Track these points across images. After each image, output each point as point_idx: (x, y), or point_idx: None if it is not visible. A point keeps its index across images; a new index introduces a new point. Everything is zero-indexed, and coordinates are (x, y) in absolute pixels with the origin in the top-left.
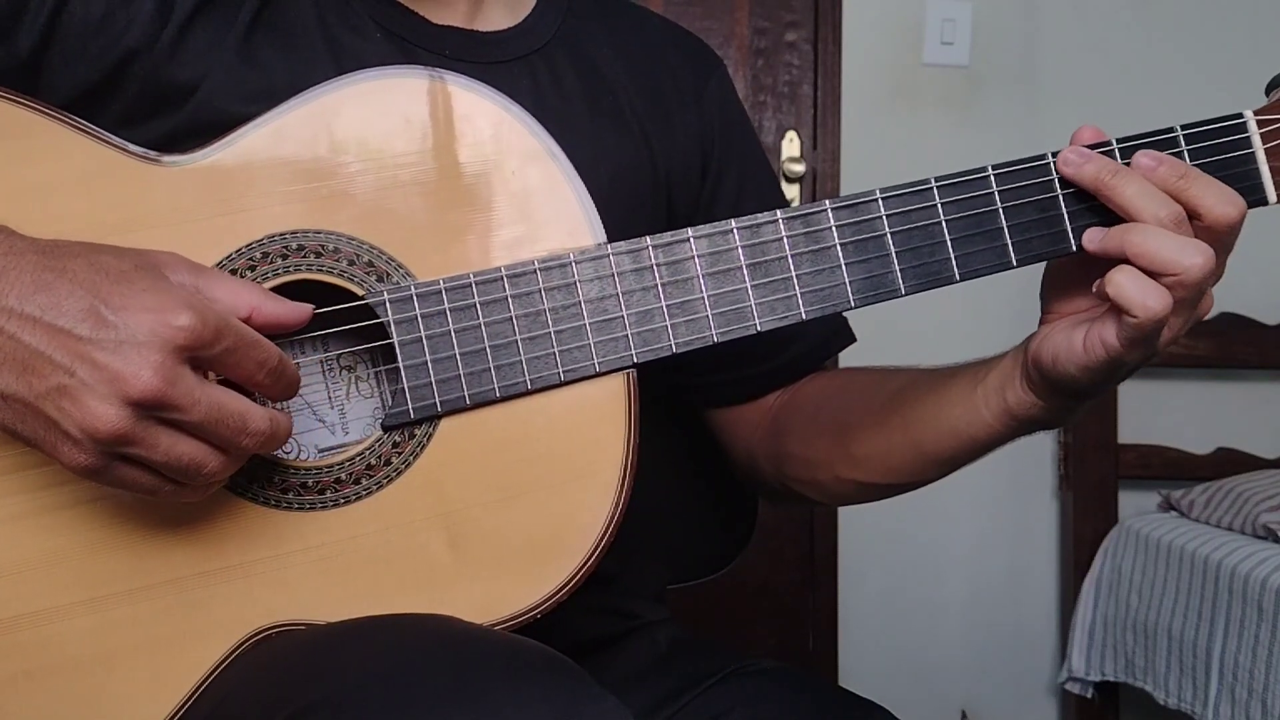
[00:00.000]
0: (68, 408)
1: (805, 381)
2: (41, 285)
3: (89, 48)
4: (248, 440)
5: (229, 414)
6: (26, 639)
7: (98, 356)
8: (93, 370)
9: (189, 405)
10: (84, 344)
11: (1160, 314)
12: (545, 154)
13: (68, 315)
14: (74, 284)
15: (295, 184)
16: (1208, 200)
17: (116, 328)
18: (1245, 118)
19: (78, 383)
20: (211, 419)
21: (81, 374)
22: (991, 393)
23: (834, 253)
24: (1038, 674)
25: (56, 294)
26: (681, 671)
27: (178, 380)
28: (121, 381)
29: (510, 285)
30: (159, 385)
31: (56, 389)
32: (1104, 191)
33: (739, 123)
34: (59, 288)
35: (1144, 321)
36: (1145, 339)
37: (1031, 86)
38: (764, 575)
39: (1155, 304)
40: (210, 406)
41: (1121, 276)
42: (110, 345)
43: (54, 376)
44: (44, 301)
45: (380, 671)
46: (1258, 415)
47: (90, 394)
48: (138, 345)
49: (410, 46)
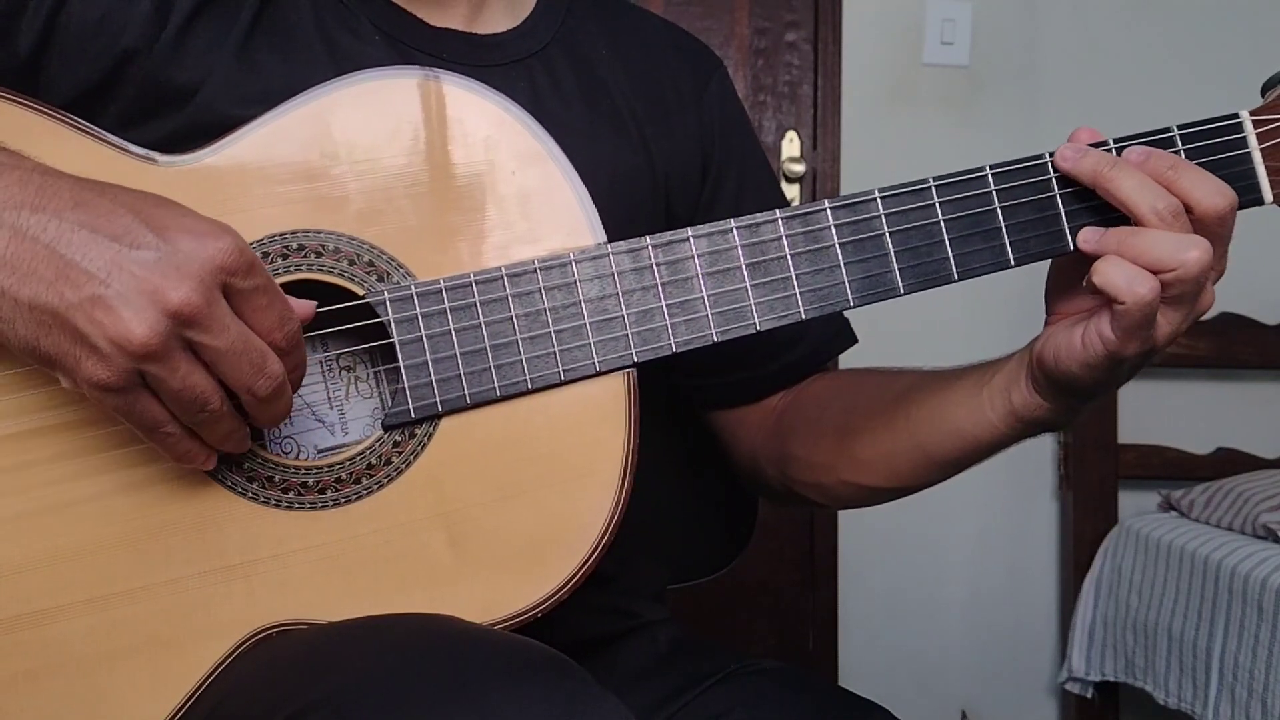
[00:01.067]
0: (100, 317)
1: (808, 383)
2: (81, 202)
3: (88, 48)
4: (262, 382)
5: (253, 348)
6: (27, 639)
7: (136, 269)
8: (131, 280)
9: (220, 329)
10: (123, 255)
11: (1148, 299)
12: (545, 154)
13: (107, 228)
14: (115, 203)
15: (294, 184)
16: (1197, 192)
17: (156, 245)
18: (1241, 118)
19: (114, 293)
20: (237, 349)
21: (118, 284)
22: (997, 394)
23: (833, 252)
24: (1038, 674)
25: (96, 210)
26: (681, 671)
27: (214, 302)
28: (160, 294)
29: (510, 285)
30: (197, 301)
31: (90, 299)
32: (1102, 184)
33: (739, 124)
34: (99, 205)
35: (1132, 308)
36: (1138, 327)
37: (1031, 86)
38: (764, 575)
39: (1142, 289)
40: (239, 336)
41: (1106, 265)
42: (150, 260)
43: (88, 286)
44: (83, 216)
45: (381, 671)
46: (1258, 415)
47: (126, 304)
48: (177, 262)
49: (408, 49)
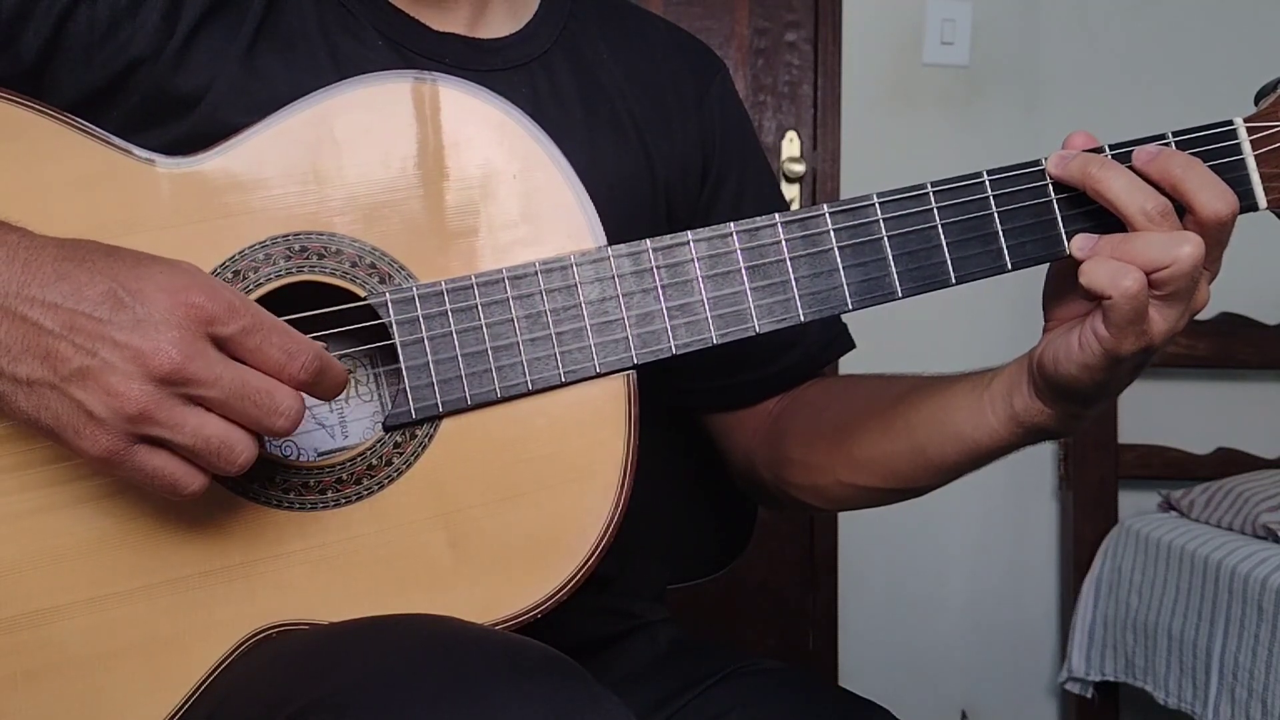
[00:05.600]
0: (93, 387)
1: (805, 386)
2: (62, 275)
3: (94, 56)
4: (280, 421)
5: (254, 390)
6: (27, 639)
7: (117, 336)
8: (114, 349)
9: (211, 380)
10: (104, 325)
11: (1133, 290)
12: (546, 158)
13: (87, 300)
14: (93, 272)
15: (297, 186)
16: (1202, 195)
17: (134, 309)
18: (1235, 124)
19: (100, 362)
20: (236, 394)
21: (104, 354)
22: (998, 399)
23: (832, 256)
24: (1038, 674)
25: (76, 281)
26: (681, 671)
27: (197, 355)
28: (143, 358)
29: (511, 287)
30: (179, 359)
31: (80, 371)
32: (1090, 184)
33: (740, 127)
34: (78, 275)
35: (1119, 301)
36: (1129, 322)
37: (1031, 86)
38: (764, 575)
39: (1127, 281)
40: (234, 382)
41: (1090, 264)
42: (129, 325)
43: (77, 359)
44: (65, 289)
45: (381, 671)
46: (1258, 415)
47: (113, 372)
48: (155, 323)
49: (411, 54)
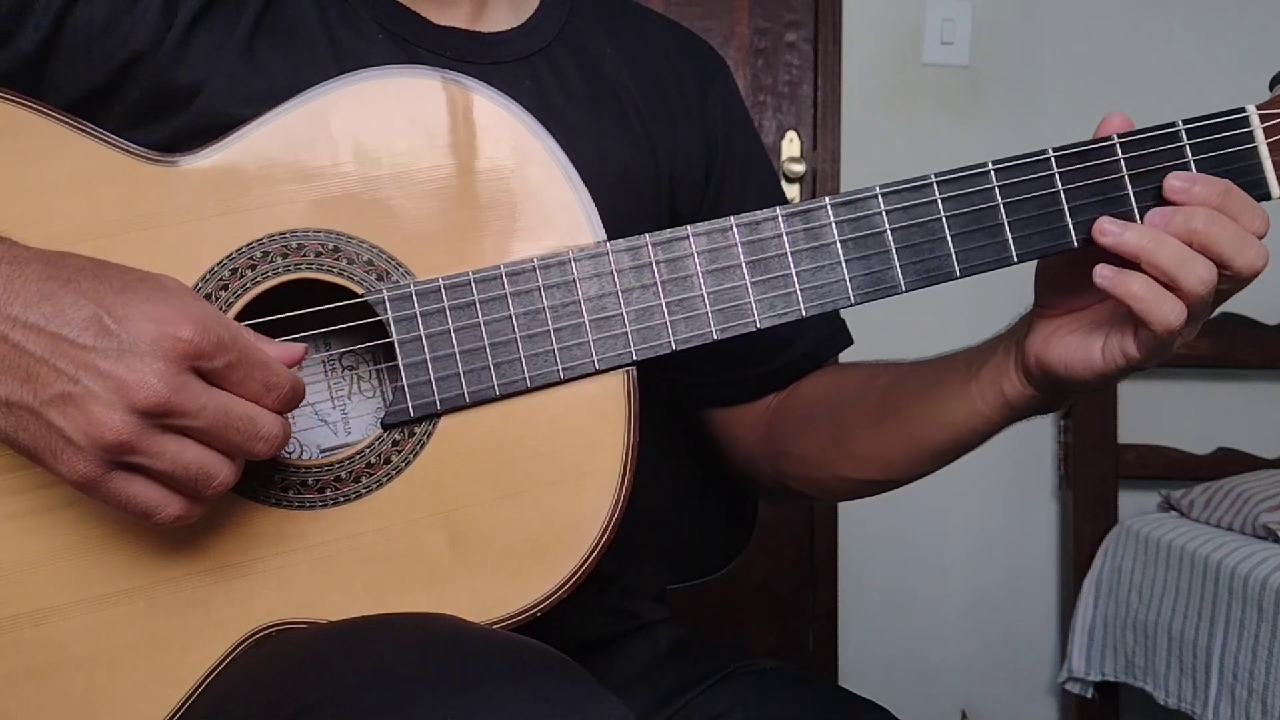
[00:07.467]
0: (72, 413)
1: (800, 380)
2: (46, 295)
3: (93, 51)
4: (261, 445)
5: (236, 418)
6: (26, 638)
7: (101, 365)
8: (97, 378)
9: (195, 411)
10: (87, 352)
11: (1177, 327)
12: (545, 154)
13: (71, 324)
14: (78, 294)
15: (296, 183)
16: (1238, 261)
17: (119, 336)
18: (1248, 112)
19: (82, 390)
20: (219, 424)
21: (86, 381)
22: (987, 386)
23: (834, 249)
24: (1038, 674)
25: (61, 303)
26: (681, 671)
27: (181, 387)
28: (125, 390)
29: (509, 283)
30: (163, 393)
31: (60, 396)
32: (1144, 257)
33: (742, 125)
34: (63, 297)
35: (1162, 333)
36: (1164, 347)
37: (1031, 86)
38: (764, 575)
39: (1173, 318)
40: (217, 411)
41: (1140, 289)
42: (113, 354)
43: (58, 384)
44: (48, 311)
45: (381, 670)
46: (1258, 415)
47: (95, 401)
48: (140, 354)
49: (412, 47)
